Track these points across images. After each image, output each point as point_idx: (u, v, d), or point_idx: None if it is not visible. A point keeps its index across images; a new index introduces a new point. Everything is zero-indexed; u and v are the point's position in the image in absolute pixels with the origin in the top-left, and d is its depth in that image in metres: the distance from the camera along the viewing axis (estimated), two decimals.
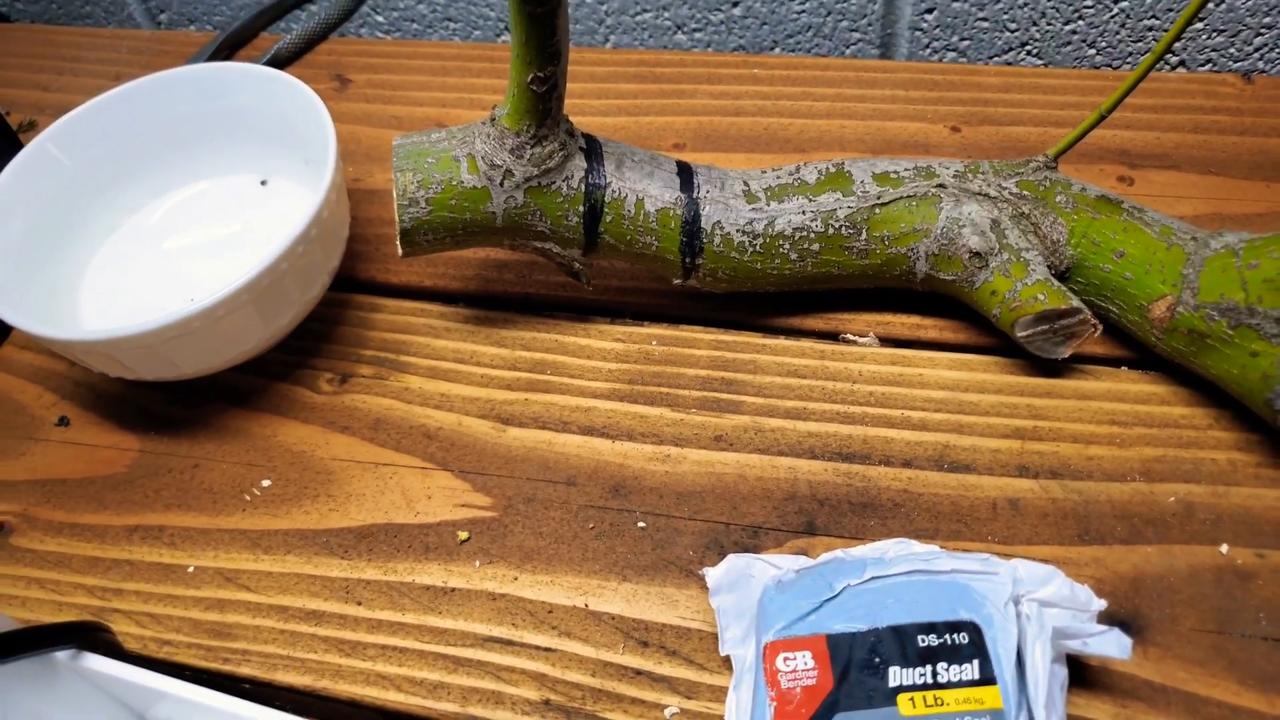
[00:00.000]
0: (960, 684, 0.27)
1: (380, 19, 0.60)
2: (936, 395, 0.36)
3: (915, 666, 0.27)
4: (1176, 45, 0.51)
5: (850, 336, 0.38)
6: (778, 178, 0.36)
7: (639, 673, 0.31)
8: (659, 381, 0.38)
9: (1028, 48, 0.53)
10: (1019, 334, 0.34)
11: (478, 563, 0.34)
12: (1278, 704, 0.28)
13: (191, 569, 0.35)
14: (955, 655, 0.27)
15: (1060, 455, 0.34)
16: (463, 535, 0.35)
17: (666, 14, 0.56)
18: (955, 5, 0.52)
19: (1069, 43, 0.52)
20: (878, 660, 0.27)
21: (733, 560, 0.30)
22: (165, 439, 0.39)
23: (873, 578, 0.29)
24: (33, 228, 0.40)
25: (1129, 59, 0.52)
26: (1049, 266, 0.34)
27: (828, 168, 0.36)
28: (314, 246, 0.36)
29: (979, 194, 0.35)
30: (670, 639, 0.32)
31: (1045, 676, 0.26)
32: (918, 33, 0.53)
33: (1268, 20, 0.49)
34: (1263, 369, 0.31)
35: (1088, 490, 0.33)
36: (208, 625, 0.34)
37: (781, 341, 0.38)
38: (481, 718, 0.31)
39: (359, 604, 0.34)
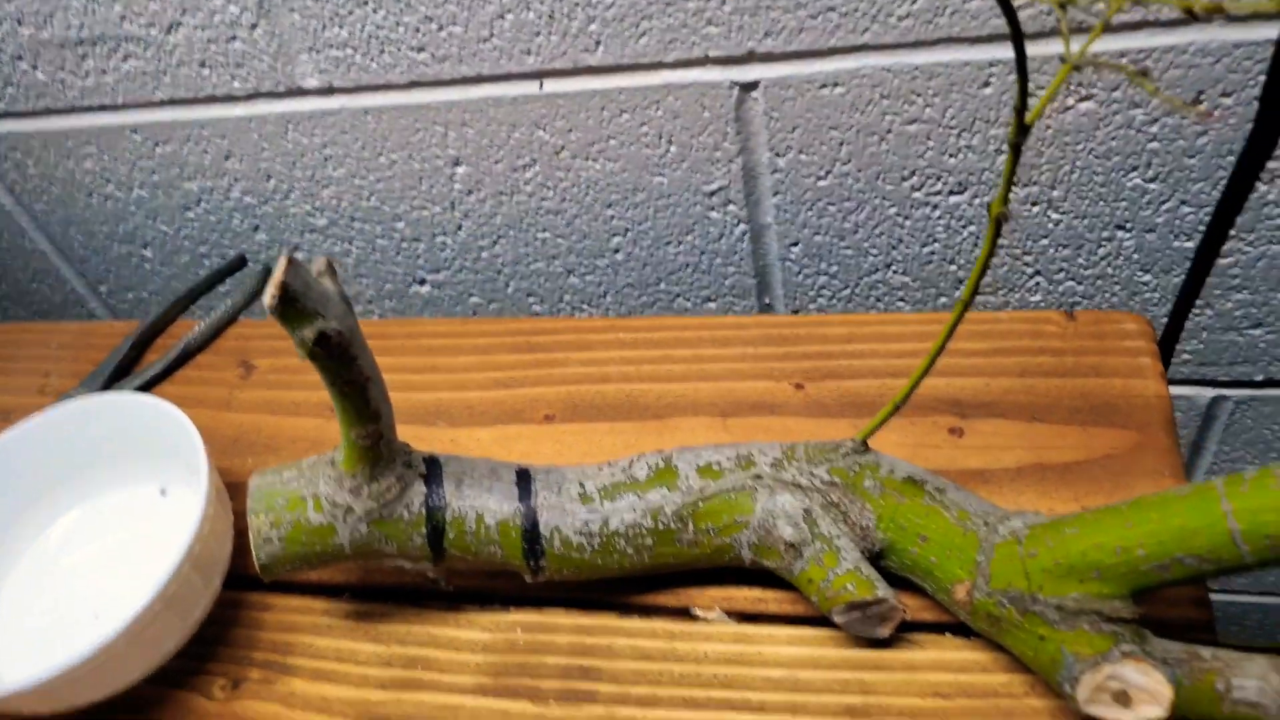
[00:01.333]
0: None
1: None
2: (775, 674, 0.37)
3: None
4: (1029, 259, 0.54)
5: (699, 612, 0.40)
6: (611, 475, 0.39)
7: None
8: (522, 673, 0.40)
9: (891, 268, 0.56)
10: (837, 619, 0.36)
11: None
12: None
13: None
14: None
15: None
16: None
17: (556, 261, 0.60)
18: (816, 239, 0.55)
19: (930, 261, 0.55)
20: None
21: None
22: None
23: None
24: None
25: (988, 270, 0.55)
26: (862, 551, 0.36)
27: (658, 462, 0.39)
28: (189, 580, 0.39)
29: (792, 484, 0.37)
30: None
31: None
32: (788, 263, 0.57)
33: (1105, 234, 0.52)
34: (1050, 653, 0.32)
35: None
36: None
37: (636, 622, 0.40)
38: None
39: None
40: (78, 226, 0.65)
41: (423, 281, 0.63)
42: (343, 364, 0.32)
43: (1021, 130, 0.30)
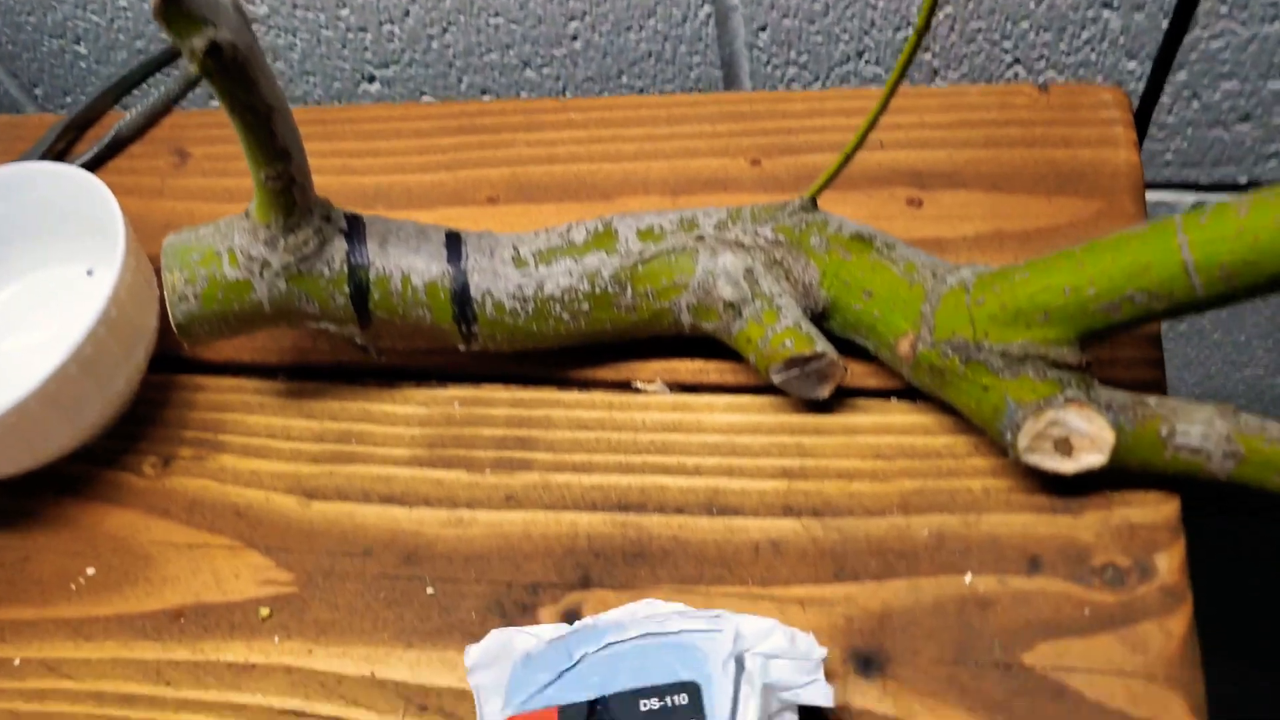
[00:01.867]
0: None
1: None
2: (712, 440, 0.36)
3: None
4: (1008, 44, 0.51)
5: (640, 385, 0.39)
6: (547, 240, 0.37)
7: None
8: (458, 444, 0.39)
9: (864, 57, 0.53)
10: (775, 378, 0.35)
11: (277, 638, 0.35)
12: None
13: (17, 661, 0.37)
14: (679, 712, 0.28)
15: (824, 493, 0.34)
16: (264, 612, 0.36)
17: (511, 51, 0.56)
18: (786, 22, 0.52)
19: (902, 48, 0.52)
20: None
21: (494, 635, 0.31)
22: None
23: (609, 644, 0.29)
24: None
25: (963, 59, 0.52)
26: (805, 309, 0.35)
27: (596, 226, 0.37)
28: (106, 344, 0.37)
29: (735, 243, 0.35)
30: (449, 702, 0.33)
31: None
32: (756, 50, 0.54)
33: (1089, 12, 0.49)
34: (993, 402, 0.31)
35: (847, 527, 0.33)
36: (29, 715, 0.35)
37: (574, 394, 0.39)
38: None
39: (168, 684, 0.35)
40: (2, 17, 0.61)
41: (371, 78, 0.59)
42: (240, 84, 0.30)
43: None
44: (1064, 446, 0.31)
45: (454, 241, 0.36)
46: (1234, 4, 0.47)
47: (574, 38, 0.54)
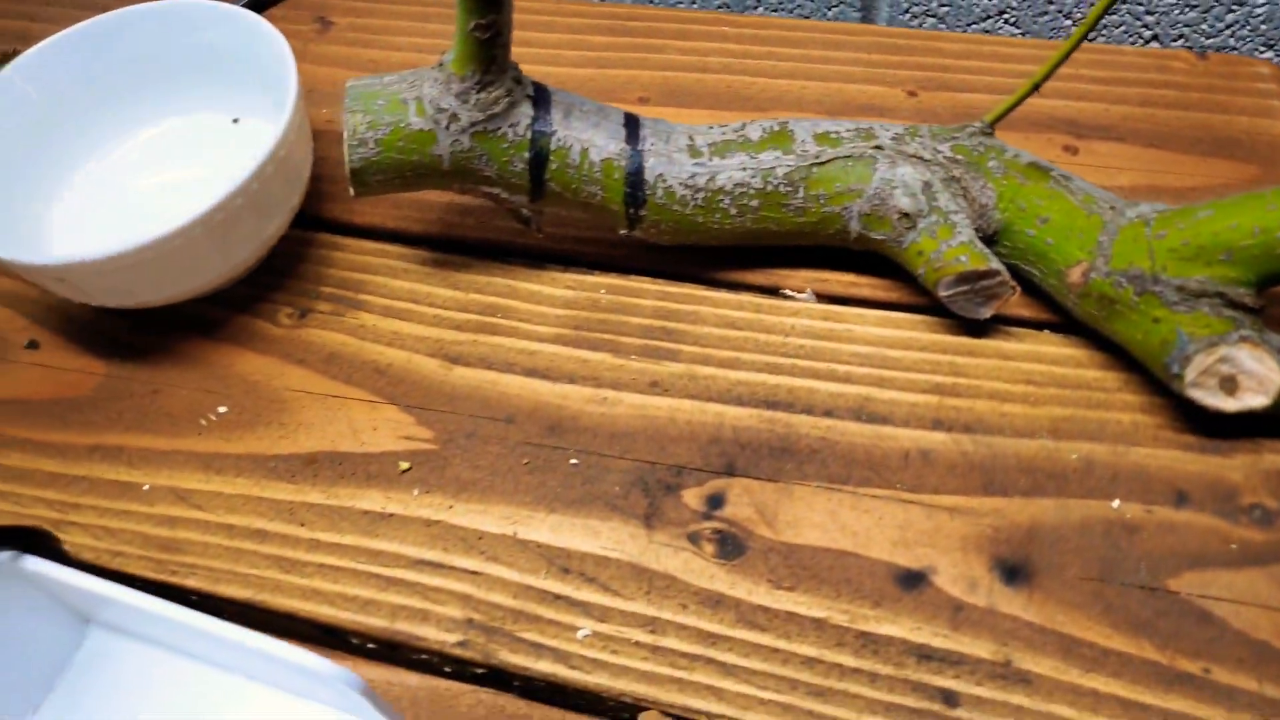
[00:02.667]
0: None
1: None
2: (863, 350, 0.37)
3: None
4: (1149, 19, 0.51)
5: (789, 292, 0.39)
6: (723, 134, 0.37)
7: (558, 597, 0.33)
8: (604, 329, 0.39)
9: (1005, 15, 0.54)
10: (942, 293, 0.35)
11: (416, 491, 0.36)
12: (1144, 647, 0.29)
13: (147, 487, 0.37)
14: None
15: (975, 411, 0.35)
16: (404, 465, 0.36)
17: None
18: None
19: (1045, 13, 0.53)
20: None
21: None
22: (129, 365, 0.40)
23: None
24: (1, 160, 0.41)
25: (1104, 30, 0.53)
26: (977, 230, 0.35)
27: (772, 126, 0.37)
28: (271, 182, 0.37)
29: (914, 157, 0.36)
30: (590, 567, 0.33)
31: None
32: (897, 2, 0.54)
33: (1220, 3, 0.49)
34: (1163, 335, 0.32)
35: (997, 445, 0.34)
36: (158, 540, 0.36)
37: (723, 294, 0.39)
38: (407, 632, 0.32)
39: (301, 525, 0.36)
40: None
41: None
42: None
43: None
44: (1229, 385, 0.32)
45: (633, 124, 0.37)
46: None
47: None
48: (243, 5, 0.51)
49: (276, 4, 0.52)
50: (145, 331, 0.41)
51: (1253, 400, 0.31)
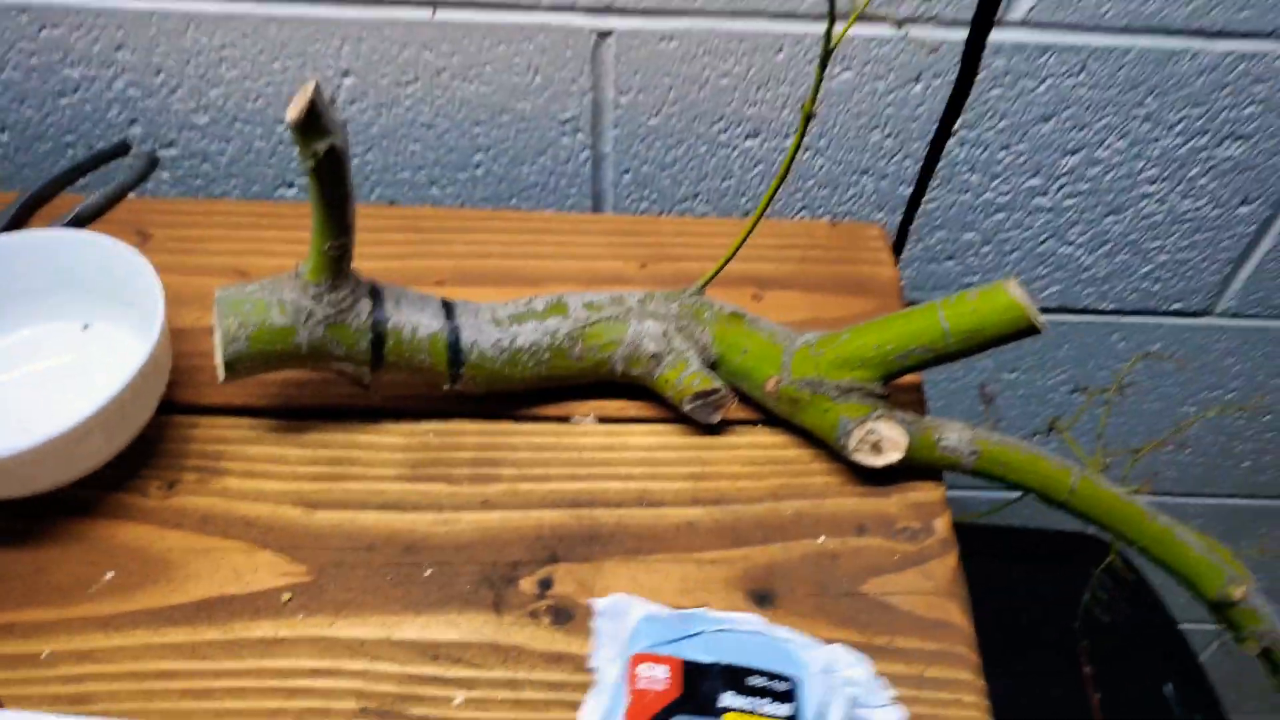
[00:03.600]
0: (774, 717, 0.34)
1: (165, 175, 0.69)
2: (638, 455, 0.50)
3: (744, 696, 0.35)
4: (801, 198, 0.71)
5: (577, 418, 0.52)
6: (516, 308, 0.50)
7: (434, 677, 0.42)
8: (437, 464, 0.49)
9: (699, 197, 0.71)
10: (685, 408, 0.49)
11: (300, 615, 0.44)
12: (852, 633, 0.44)
13: (45, 654, 0.42)
14: (775, 695, 0.36)
15: (720, 488, 0.49)
16: (286, 596, 0.45)
17: (422, 172, 0.69)
18: (643, 169, 0.69)
19: (725, 194, 0.71)
20: (716, 686, 0.35)
21: (615, 598, 0.41)
22: (9, 549, 0.45)
23: (722, 630, 0.38)
24: None
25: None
26: (702, 361, 0.50)
27: (552, 300, 0.50)
28: (145, 382, 0.45)
29: (654, 314, 0.50)
30: (455, 650, 0.43)
31: None
32: (619, 188, 0.70)
33: (853, 178, 0.70)
34: (831, 420, 0.48)
35: (738, 511, 0.48)
36: (67, 696, 0.41)
37: (528, 425, 0.51)
38: None
39: (204, 659, 0.42)
40: None
41: (290, 184, 0.69)
42: (336, 179, 0.41)
43: (827, 50, 0.44)
44: (876, 448, 0.47)
45: (448, 305, 0.49)
46: (942, 178, 0.69)
47: (477, 166, 0.68)
48: (65, 224, 0.58)
49: (94, 221, 0.59)
50: (16, 518, 0.46)
51: (893, 456, 0.47)
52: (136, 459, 0.49)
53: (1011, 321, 0.45)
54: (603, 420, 0.52)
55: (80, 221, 0.59)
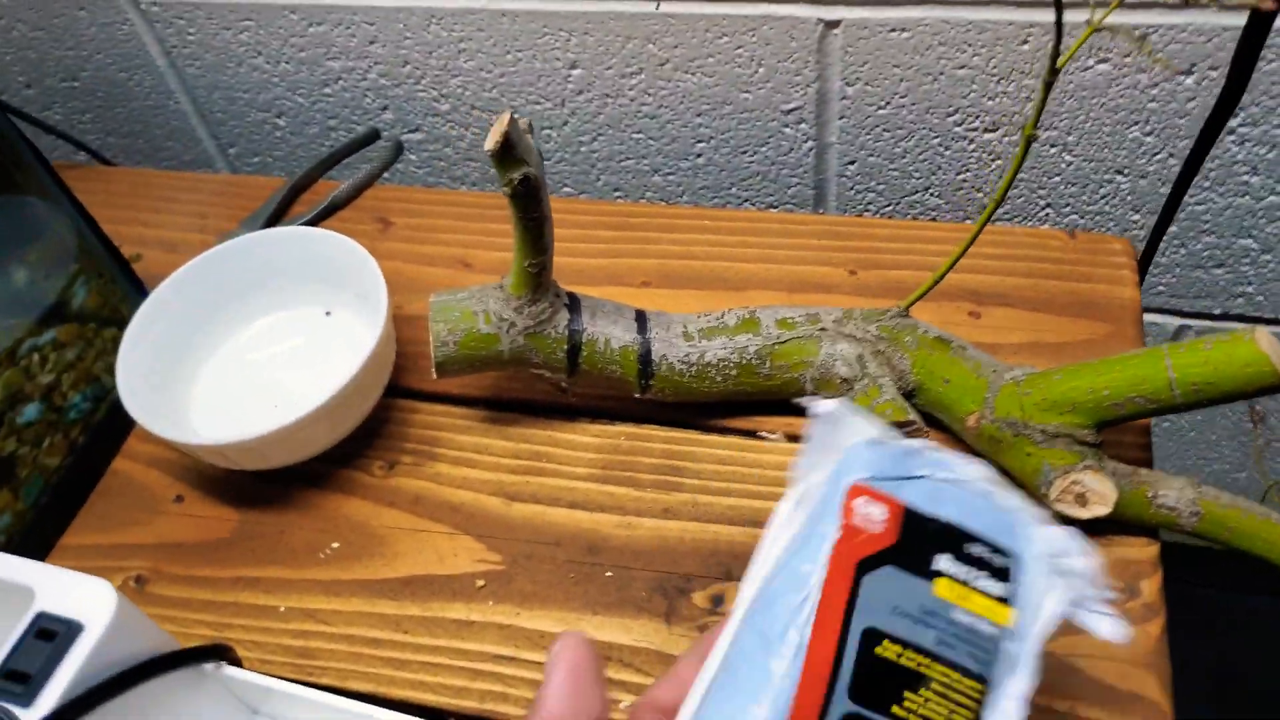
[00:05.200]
0: (987, 594, 0.29)
1: (413, 158, 0.74)
2: None
3: (960, 563, 0.30)
4: (1046, 196, 0.65)
5: (764, 434, 0.51)
6: (708, 321, 0.50)
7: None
8: (625, 468, 0.51)
9: (930, 190, 0.67)
10: None
11: (491, 602, 0.47)
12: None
13: (282, 609, 0.49)
14: (992, 570, 0.30)
15: None
16: (480, 583, 0.48)
17: (645, 160, 0.70)
18: (871, 159, 0.66)
19: (961, 188, 0.66)
20: (935, 544, 0.30)
21: (838, 405, 0.33)
22: (258, 512, 0.52)
23: (949, 479, 0.32)
24: (155, 351, 0.53)
25: (1007, 199, 0.66)
26: (898, 388, 0.48)
27: (744, 314, 0.50)
28: (370, 373, 0.50)
29: (849, 335, 0.48)
30: (626, 655, 0.45)
31: (1047, 624, 0.30)
32: (843, 179, 0.68)
33: (1107, 176, 0.63)
34: (1034, 465, 0.44)
35: None
36: (295, 649, 0.47)
37: (714, 438, 0.52)
38: (493, 710, 0.44)
39: (405, 633, 0.47)
40: (222, 92, 0.74)
41: None
42: (532, 204, 0.43)
43: (1053, 71, 0.40)
44: (1081, 500, 0.44)
45: (641, 317, 0.49)
46: (1214, 179, 0.61)
47: (699, 155, 0.68)
48: (320, 210, 0.64)
49: (346, 207, 0.65)
50: (268, 485, 0.53)
51: (1099, 509, 0.44)
52: (364, 438, 0.54)
53: (1254, 377, 0.40)
54: (790, 438, 0.51)
55: (334, 207, 0.65)
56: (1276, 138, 0.58)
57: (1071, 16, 0.55)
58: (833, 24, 0.58)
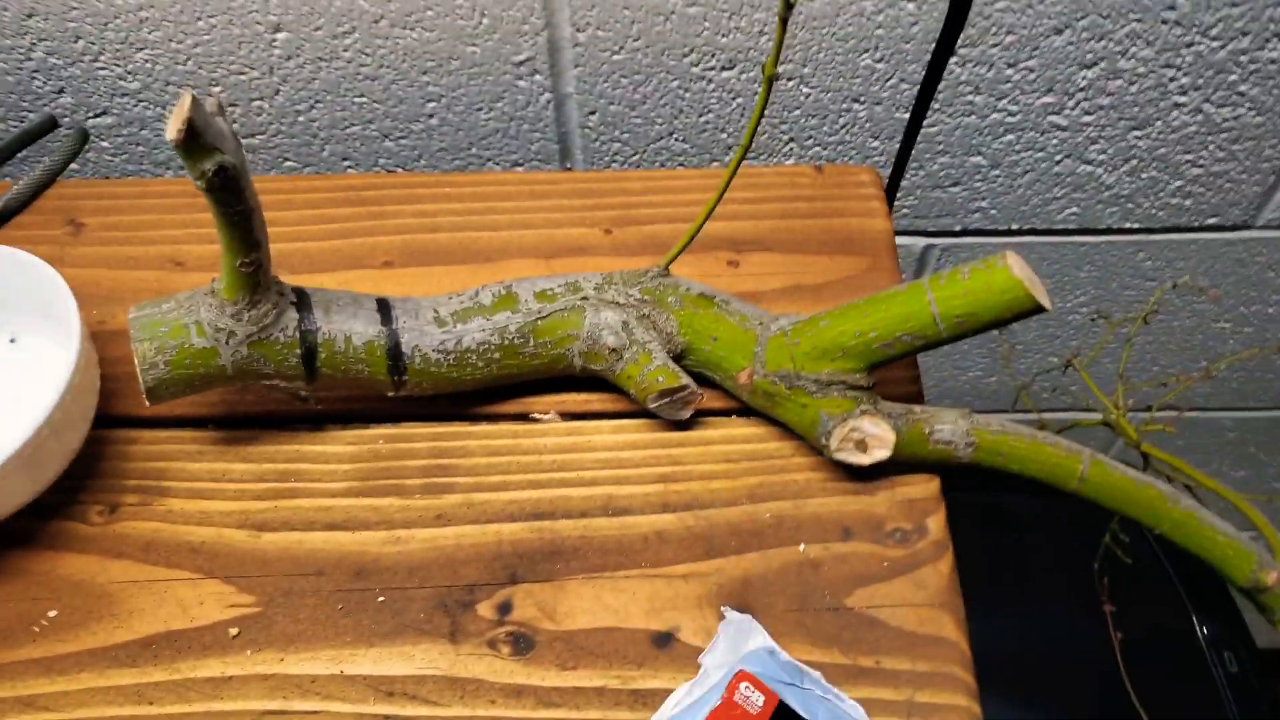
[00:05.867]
0: None
1: (104, 145, 0.64)
2: (602, 456, 0.46)
3: None
4: (788, 130, 0.64)
5: (537, 415, 0.48)
6: (461, 302, 0.45)
7: (387, 717, 0.40)
8: (387, 475, 0.46)
9: (675, 135, 0.65)
10: (650, 406, 0.45)
11: (249, 652, 0.42)
12: (835, 654, 0.41)
13: None
14: None
15: (692, 491, 0.45)
16: (233, 631, 0.42)
17: (372, 125, 0.64)
18: (611, 108, 0.63)
19: (705, 130, 0.65)
20: None
21: (747, 619, 0.41)
22: None
23: (826, 698, 0.38)
24: None
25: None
26: (667, 352, 0.46)
27: (500, 290, 0.46)
28: (70, 406, 0.42)
29: (612, 302, 0.45)
30: (410, 686, 0.41)
31: None
32: (586, 130, 0.64)
33: (844, 105, 0.63)
34: (810, 416, 0.43)
35: (712, 516, 0.44)
36: None
37: (484, 427, 0.48)
38: None
39: (150, 704, 0.41)
40: None
41: None
42: (233, 196, 0.37)
43: (787, 6, 0.38)
44: (861, 445, 0.43)
45: (384, 306, 0.44)
46: (943, 101, 0.63)
47: (430, 116, 0.63)
48: None
49: (24, 211, 0.55)
50: None
51: (879, 454, 0.43)
52: (75, 482, 0.46)
53: (1011, 303, 0.40)
54: (565, 416, 0.48)
55: (8, 213, 0.55)
56: (993, 56, 0.60)
57: None
58: None
